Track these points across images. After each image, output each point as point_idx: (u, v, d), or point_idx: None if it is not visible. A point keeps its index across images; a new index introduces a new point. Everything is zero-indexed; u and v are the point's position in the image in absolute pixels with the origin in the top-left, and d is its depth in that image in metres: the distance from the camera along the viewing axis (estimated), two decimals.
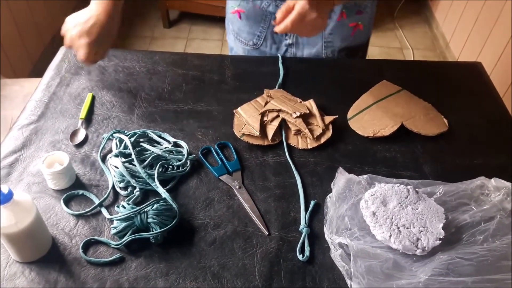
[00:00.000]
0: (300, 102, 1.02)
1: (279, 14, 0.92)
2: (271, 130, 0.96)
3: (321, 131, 0.97)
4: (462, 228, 0.78)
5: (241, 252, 0.77)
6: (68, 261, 0.75)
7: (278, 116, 0.98)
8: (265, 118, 0.98)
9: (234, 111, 1.01)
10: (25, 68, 2.39)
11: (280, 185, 0.88)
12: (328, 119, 0.99)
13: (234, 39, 1.29)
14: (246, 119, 0.98)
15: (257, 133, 0.94)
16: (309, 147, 0.95)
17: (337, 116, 1.00)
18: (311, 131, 0.96)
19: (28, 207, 0.70)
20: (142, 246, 0.77)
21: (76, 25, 0.97)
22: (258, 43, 1.24)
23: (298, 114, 0.97)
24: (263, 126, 0.97)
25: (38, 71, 2.32)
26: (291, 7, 0.91)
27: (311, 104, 1.02)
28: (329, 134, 0.97)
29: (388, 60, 1.28)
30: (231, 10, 1.24)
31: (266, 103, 1.01)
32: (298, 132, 0.97)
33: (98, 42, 0.96)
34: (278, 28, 0.92)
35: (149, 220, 0.76)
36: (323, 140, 0.96)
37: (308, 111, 0.99)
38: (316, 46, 1.21)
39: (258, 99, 1.03)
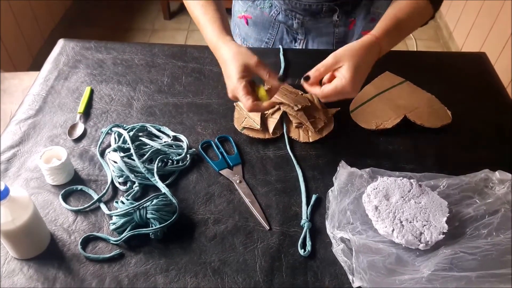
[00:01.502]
0: (302, 94, 1.01)
1: (314, 73, 0.83)
2: (272, 123, 0.95)
3: (323, 124, 0.95)
4: (466, 222, 0.77)
5: (242, 247, 0.76)
6: (67, 258, 0.74)
7: (279, 109, 0.97)
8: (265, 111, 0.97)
9: (234, 104, 0.99)
10: (25, 62, 2.38)
11: (281, 179, 0.87)
12: (330, 111, 0.98)
13: (242, 44, 1.26)
14: (247, 112, 0.96)
15: (258, 126, 0.93)
16: (311, 140, 0.94)
17: (339, 108, 0.99)
18: (313, 124, 0.95)
19: (25, 203, 0.69)
20: (141, 242, 0.76)
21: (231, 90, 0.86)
22: None
23: (299, 107, 0.95)
24: (264, 119, 0.96)
25: (37, 65, 2.30)
26: (326, 71, 0.83)
27: (312, 96, 1.00)
28: (331, 127, 0.96)
29: (390, 51, 1.26)
30: (238, 14, 1.21)
31: None
32: (300, 125, 0.96)
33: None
34: (309, 88, 0.85)
35: (149, 215, 0.75)
36: (325, 133, 0.95)
37: (309, 104, 0.97)
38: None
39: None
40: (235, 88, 0.83)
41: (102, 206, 0.81)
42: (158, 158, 0.86)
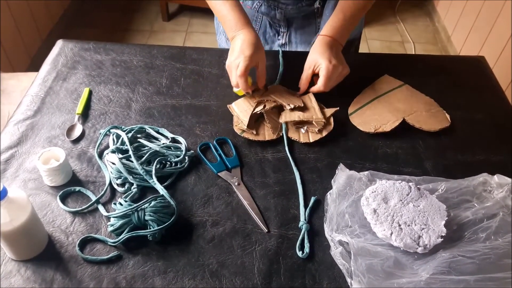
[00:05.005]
0: (297, 94, 1.01)
1: (302, 85, 1.01)
2: (275, 123, 0.95)
3: (322, 124, 0.95)
4: (464, 226, 0.77)
5: (240, 250, 0.76)
6: (65, 259, 0.74)
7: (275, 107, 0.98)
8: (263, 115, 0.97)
9: (228, 106, 0.99)
10: (23, 62, 2.37)
11: (279, 182, 0.87)
12: (329, 111, 0.98)
13: (226, 40, 1.26)
14: (238, 113, 0.96)
15: (245, 127, 0.94)
16: (311, 141, 0.94)
17: (338, 108, 0.99)
18: (312, 124, 0.95)
19: (23, 204, 0.69)
20: (139, 244, 0.76)
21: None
22: None
23: (292, 106, 0.96)
24: (258, 123, 0.96)
25: (36, 66, 2.30)
26: (310, 75, 0.99)
27: (310, 97, 1.00)
28: (330, 127, 0.96)
29: (389, 54, 1.27)
30: None
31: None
32: (299, 126, 0.96)
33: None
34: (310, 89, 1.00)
35: (147, 217, 0.75)
36: (325, 133, 0.95)
37: (302, 105, 0.97)
38: (310, 45, 1.19)
39: (254, 94, 1.02)
40: (240, 61, 0.93)
41: (100, 207, 0.81)
42: (157, 160, 0.86)
